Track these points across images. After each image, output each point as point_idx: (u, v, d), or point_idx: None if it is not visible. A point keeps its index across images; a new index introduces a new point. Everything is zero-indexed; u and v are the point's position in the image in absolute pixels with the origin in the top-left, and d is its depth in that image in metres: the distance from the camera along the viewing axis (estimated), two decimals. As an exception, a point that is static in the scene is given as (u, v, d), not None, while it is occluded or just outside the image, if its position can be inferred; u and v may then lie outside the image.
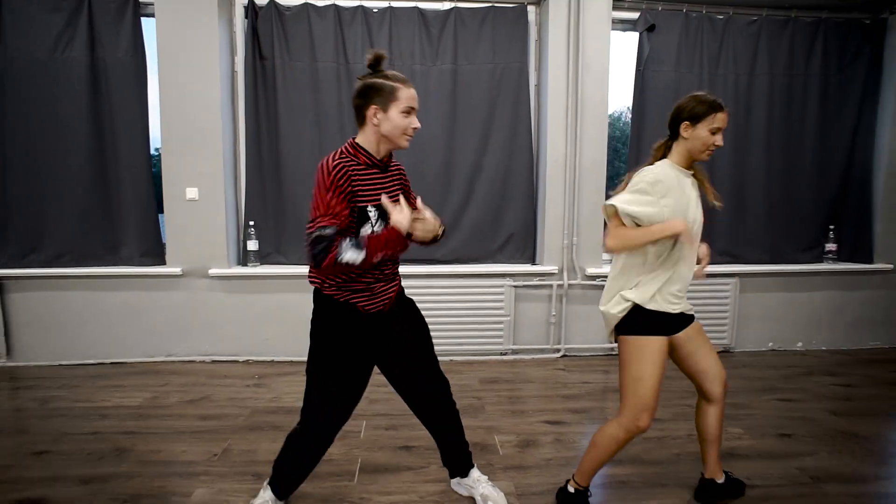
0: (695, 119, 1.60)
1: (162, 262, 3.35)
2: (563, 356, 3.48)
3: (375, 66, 1.53)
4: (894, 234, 3.63)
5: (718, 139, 1.62)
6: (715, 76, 3.45)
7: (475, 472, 1.88)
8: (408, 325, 1.72)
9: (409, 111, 1.52)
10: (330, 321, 1.59)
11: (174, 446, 2.26)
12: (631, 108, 3.50)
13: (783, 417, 2.59)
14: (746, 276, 3.57)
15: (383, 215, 1.53)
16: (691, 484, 1.97)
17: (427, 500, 1.88)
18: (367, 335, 1.62)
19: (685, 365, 1.76)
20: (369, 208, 1.52)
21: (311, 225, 1.44)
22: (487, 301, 3.37)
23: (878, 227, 3.62)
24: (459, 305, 3.36)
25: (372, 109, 1.51)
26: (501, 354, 3.45)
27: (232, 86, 3.35)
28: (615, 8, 3.34)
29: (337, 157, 1.49)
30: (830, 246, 3.66)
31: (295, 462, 1.68)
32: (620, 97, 4.59)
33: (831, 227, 3.66)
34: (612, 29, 3.37)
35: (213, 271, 3.27)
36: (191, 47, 3.17)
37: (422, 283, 3.32)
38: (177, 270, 3.27)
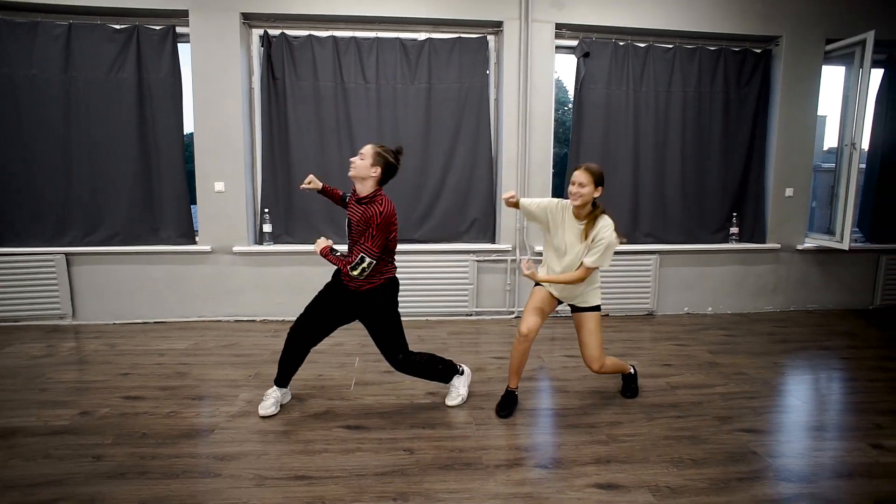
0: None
1: (194, 242, 4.17)
2: (516, 317, 4.35)
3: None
4: (782, 219, 4.53)
5: (572, 188, 2.36)
6: (639, 93, 4.30)
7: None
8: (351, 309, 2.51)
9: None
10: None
11: (220, 371, 3.10)
12: (572, 117, 4.36)
13: (672, 355, 3.48)
14: (666, 253, 4.45)
15: (348, 224, 2.42)
16: (584, 391, 2.84)
17: (401, 398, 2.74)
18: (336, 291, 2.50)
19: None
20: (347, 220, 2.47)
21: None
22: (456, 272, 4.23)
23: (770, 213, 4.51)
24: (433, 276, 4.21)
25: None
26: (467, 315, 4.32)
27: (250, 100, 4.15)
28: (557, 37, 4.18)
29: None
30: (734, 229, 4.55)
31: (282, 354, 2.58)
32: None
33: (734, 213, 4.54)
34: (556, 53, 4.22)
35: (236, 248, 4.09)
36: (218, 69, 3.97)
37: (404, 258, 4.16)
38: (207, 248, 4.09)
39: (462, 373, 2.74)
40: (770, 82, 4.43)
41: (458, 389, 2.70)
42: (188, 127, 4.11)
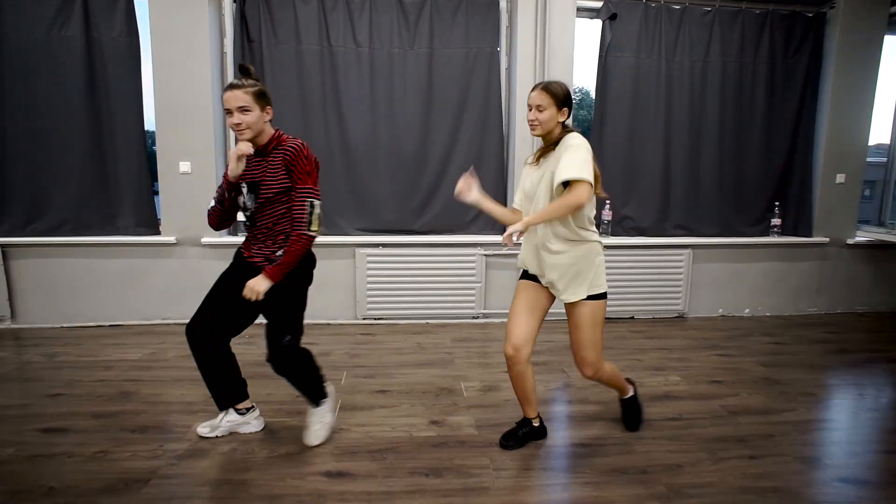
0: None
1: (157, 232, 3.58)
2: (530, 320, 3.79)
3: (246, 73, 1.85)
4: (831, 210, 3.98)
5: (529, 114, 1.86)
6: (672, 62, 3.73)
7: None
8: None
9: (228, 112, 1.79)
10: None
11: (174, 391, 2.53)
12: (595, 90, 3.78)
13: (718, 369, 2.94)
14: (699, 247, 3.90)
15: (251, 188, 1.88)
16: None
17: (397, 430, 2.18)
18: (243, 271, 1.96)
19: None
20: (242, 184, 1.90)
21: None
22: (461, 268, 3.66)
23: (818, 203, 3.96)
24: (435, 272, 3.65)
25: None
26: (473, 318, 3.76)
27: (222, 66, 3.55)
28: (580, -3, 3.60)
29: None
30: (775, 221, 4.00)
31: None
32: (586, 79, 4.82)
33: (776, 203, 3.99)
34: (577, 17, 3.63)
35: (205, 240, 3.51)
36: (182, 29, 3.36)
37: (400, 251, 3.59)
38: (171, 239, 3.51)
39: (328, 394, 2.15)
40: (822, 52, 3.85)
41: (325, 416, 2.09)
42: (148, 98, 3.51)
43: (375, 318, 3.69)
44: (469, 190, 2.00)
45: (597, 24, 3.74)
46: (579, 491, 1.77)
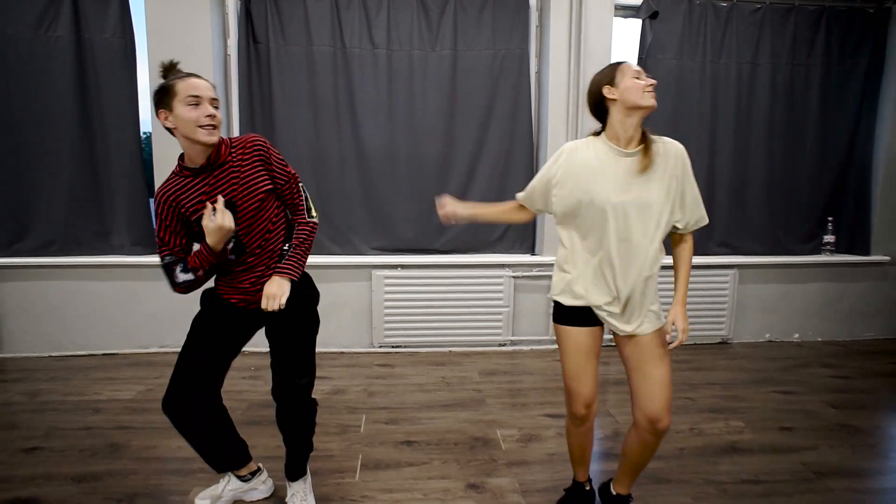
0: (609, 80, 1.50)
1: (153, 252, 3.26)
2: (562, 347, 3.46)
3: (166, 75, 1.46)
4: (892, 226, 3.63)
5: (645, 78, 1.48)
6: (717, 65, 3.40)
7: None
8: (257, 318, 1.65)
9: (194, 101, 1.39)
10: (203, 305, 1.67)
11: (170, 442, 2.20)
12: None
13: (783, 410, 2.59)
14: (745, 267, 3.56)
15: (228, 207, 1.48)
16: (695, 480, 1.97)
17: (431, 499, 1.85)
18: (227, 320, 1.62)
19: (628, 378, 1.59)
20: (205, 218, 1.42)
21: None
22: (486, 291, 3.33)
23: (877, 219, 3.62)
24: (458, 296, 3.32)
25: (162, 115, 1.43)
26: (500, 345, 3.42)
27: (225, 70, 3.24)
28: (619, -7, 3.27)
29: (160, 186, 1.50)
30: (828, 237, 3.65)
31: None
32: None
33: (830, 218, 3.65)
34: (615, 16, 3.30)
35: (206, 261, 3.19)
36: (181, 29, 3.05)
37: (420, 273, 3.27)
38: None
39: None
40: (885, 51, 3.51)
41: (308, 497, 1.76)
42: (144, 103, 3.20)
43: (393, 346, 3.36)
44: (450, 206, 1.73)
45: (635, 24, 3.42)
46: (662, 593, 1.44)
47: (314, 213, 1.64)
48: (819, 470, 2.05)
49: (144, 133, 3.24)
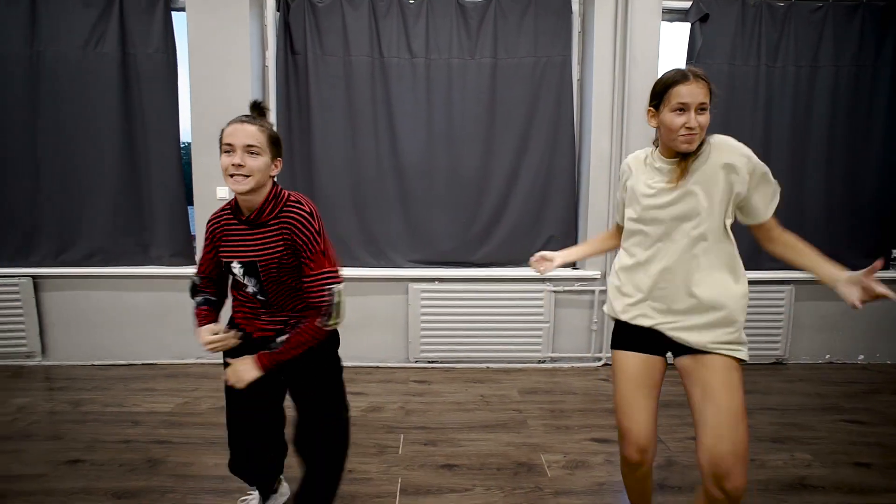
0: (655, 102, 1.35)
1: (192, 263, 3.28)
2: (605, 365, 3.31)
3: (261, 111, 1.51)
4: (969, 239, 3.34)
5: (686, 119, 1.28)
6: (773, 68, 3.21)
7: None
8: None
9: (228, 148, 1.37)
10: None
11: (206, 458, 2.17)
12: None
13: (856, 443, 2.38)
14: (802, 283, 3.34)
15: (249, 271, 1.46)
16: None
17: (474, 529, 1.75)
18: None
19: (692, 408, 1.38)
20: (233, 265, 1.47)
21: None
22: (526, 306, 3.22)
23: (951, 231, 3.34)
24: (496, 311, 3.21)
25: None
26: (539, 362, 3.29)
27: (263, 81, 3.25)
28: (666, -4, 3.13)
29: (214, 213, 1.54)
30: (896, 252, 3.39)
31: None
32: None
33: (898, 231, 3.39)
34: (662, 20, 3.16)
35: (243, 273, 3.18)
36: (221, 42, 3.08)
37: (457, 286, 3.18)
38: (207, 271, 3.19)
39: None
40: (962, 51, 3.25)
41: None
42: (185, 116, 3.24)
43: (429, 362, 3.27)
44: (548, 261, 1.69)
45: (682, 28, 3.27)
46: None
47: (333, 321, 1.44)
48: (903, 513, 1.86)
49: (183, 143, 3.27)
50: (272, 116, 3.25)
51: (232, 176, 1.35)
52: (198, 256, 1.52)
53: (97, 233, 3.22)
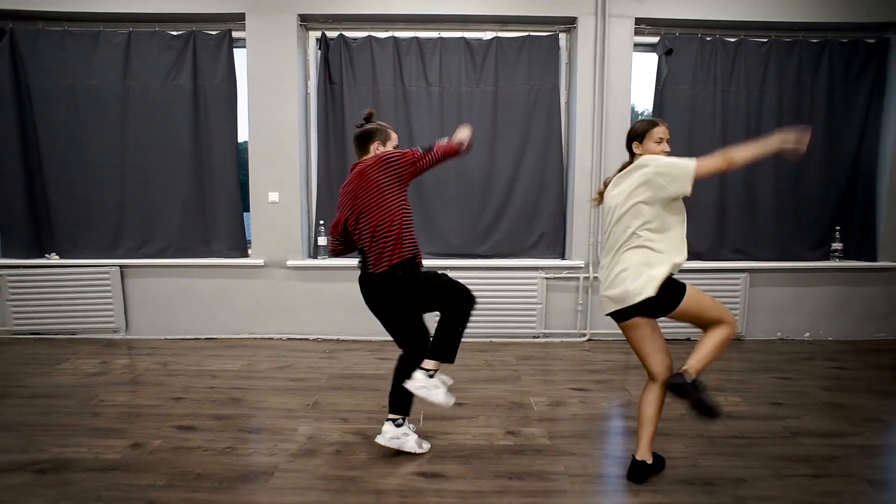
0: (640, 137, 2.05)
1: (246, 255, 3.99)
2: (589, 340, 3.96)
3: (368, 119, 2.29)
4: (897, 234, 3.97)
5: (664, 147, 1.99)
6: (727, 93, 3.87)
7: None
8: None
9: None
10: None
11: (275, 399, 2.86)
12: (651, 121, 3.95)
13: (779, 391, 3.02)
14: (756, 271, 3.97)
15: None
16: (690, 434, 2.45)
17: (478, 438, 2.42)
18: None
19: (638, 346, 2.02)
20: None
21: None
22: (522, 291, 3.89)
23: (882, 227, 3.96)
24: (498, 294, 3.88)
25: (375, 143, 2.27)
26: (534, 337, 3.96)
27: (306, 106, 3.96)
28: (637, 33, 3.81)
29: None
30: (837, 245, 4.01)
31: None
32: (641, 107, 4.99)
33: (837, 227, 4.01)
34: (634, 51, 3.83)
35: (290, 262, 3.89)
36: (273, 74, 3.79)
37: (466, 274, 3.85)
38: (259, 262, 3.90)
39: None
40: (886, 77, 3.89)
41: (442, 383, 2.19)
42: (242, 134, 3.96)
43: (442, 336, 3.95)
44: None
45: (653, 58, 3.93)
46: (649, 497, 1.95)
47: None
48: (796, 431, 2.50)
49: (241, 160, 3.98)
50: (313, 138, 3.97)
51: None
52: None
53: (170, 231, 3.94)
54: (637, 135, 2.06)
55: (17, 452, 2.22)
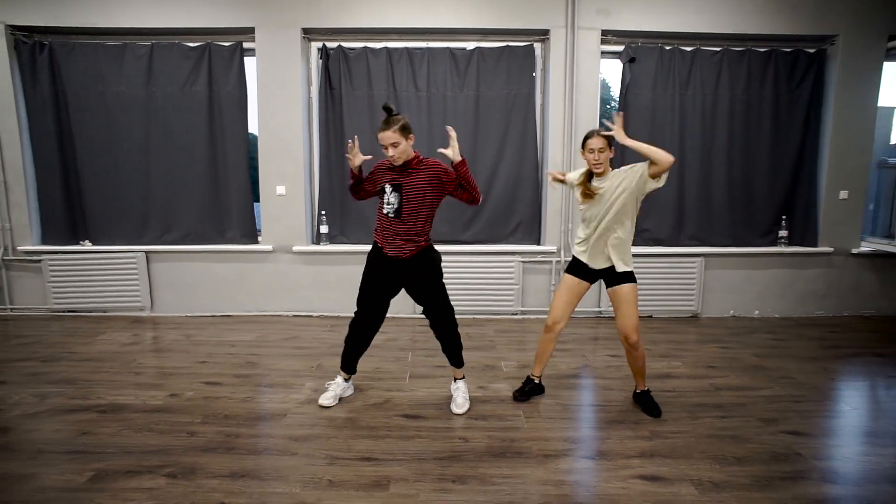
0: (582, 145, 2.53)
1: (256, 242, 4.49)
2: (561, 317, 4.47)
3: (388, 110, 2.50)
4: (835, 223, 4.45)
5: (592, 157, 2.43)
6: (685, 97, 4.33)
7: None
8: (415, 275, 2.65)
9: (384, 149, 2.46)
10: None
11: (285, 363, 3.38)
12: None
13: (716, 357, 3.52)
14: (711, 256, 4.46)
15: (395, 189, 2.53)
16: (631, 389, 2.96)
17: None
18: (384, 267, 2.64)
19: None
20: (386, 186, 2.57)
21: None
22: (501, 273, 4.39)
23: (822, 216, 4.44)
24: (480, 276, 4.39)
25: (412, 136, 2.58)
26: (512, 314, 4.47)
27: (308, 109, 4.44)
28: (603, 43, 4.26)
29: (381, 160, 2.65)
30: (783, 232, 4.50)
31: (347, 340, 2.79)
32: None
33: (783, 217, 4.50)
34: (602, 58, 4.29)
35: (295, 248, 4.39)
36: (280, 80, 4.26)
37: (452, 258, 4.36)
38: (269, 248, 4.41)
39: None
40: (824, 82, 4.35)
41: (466, 392, 2.77)
42: (253, 135, 4.44)
43: (430, 313, 4.46)
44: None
45: (618, 64, 4.39)
46: (585, 432, 2.47)
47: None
48: (720, 387, 3.01)
49: (251, 157, 4.47)
50: (315, 138, 4.45)
51: (391, 156, 2.44)
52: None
53: (189, 220, 4.44)
54: (582, 143, 2.53)
55: (80, 398, 2.75)
